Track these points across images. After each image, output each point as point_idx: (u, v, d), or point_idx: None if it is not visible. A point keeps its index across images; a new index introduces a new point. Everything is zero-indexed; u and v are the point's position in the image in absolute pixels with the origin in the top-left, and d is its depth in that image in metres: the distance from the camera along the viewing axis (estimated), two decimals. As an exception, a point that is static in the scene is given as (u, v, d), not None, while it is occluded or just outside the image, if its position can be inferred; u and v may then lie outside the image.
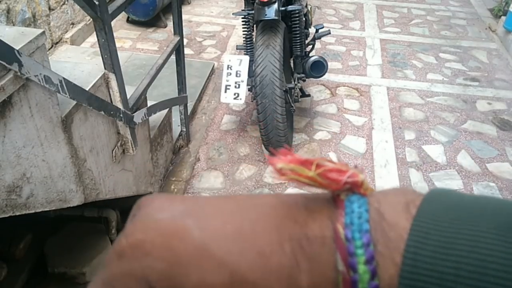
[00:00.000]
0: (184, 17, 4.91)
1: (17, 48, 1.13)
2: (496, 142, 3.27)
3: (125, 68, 3.79)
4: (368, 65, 4.20)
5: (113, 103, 1.74)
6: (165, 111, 2.57)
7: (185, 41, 4.44)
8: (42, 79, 1.22)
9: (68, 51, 3.87)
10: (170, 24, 4.48)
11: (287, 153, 0.29)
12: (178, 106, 2.83)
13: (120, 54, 3.96)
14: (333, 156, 3.07)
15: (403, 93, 3.80)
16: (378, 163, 3.04)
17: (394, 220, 0.27)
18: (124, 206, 2.37)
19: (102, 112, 1.61)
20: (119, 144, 1.86)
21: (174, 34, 2.48)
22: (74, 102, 1.46)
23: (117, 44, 4.20)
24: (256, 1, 2.53)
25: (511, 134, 3.35)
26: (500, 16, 4.93)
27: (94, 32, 1.58)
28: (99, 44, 1.60)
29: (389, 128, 3.38)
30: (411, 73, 4.10)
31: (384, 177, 2.91)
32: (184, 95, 2.76)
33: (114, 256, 0.29)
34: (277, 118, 2.58)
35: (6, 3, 3.10)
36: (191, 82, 3.66)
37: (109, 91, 1.71)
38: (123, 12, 4.61)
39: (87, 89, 1.55)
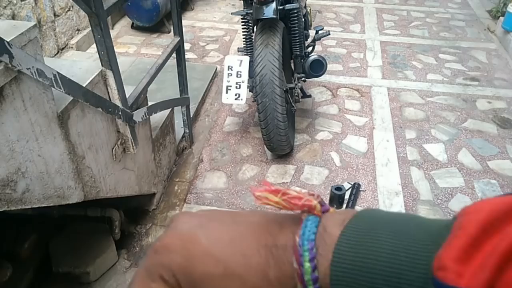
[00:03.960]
0: (187, 22, 4.92)
1: (8, 40, 1.09)
2: (496, 140, 3.20)
3: (129, 72, 3.77)
4: (369, 66, 4.14)
5: (112, 101, 1.70)
6: (167, 112, 2.52)
7: (188, 45, 4.42)
8: (34, 72, 1.17)
9: (74, 57, 3.85)
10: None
11: (265, 183, 0.40)
12: (180, 108, 2.78)
13: (124, 59, 3.95)
14: (334, 156, 3.01)
15: (403, 93, 3.74)
16: (379, 162, 2.97)
17: (331, 231, 0.37)
18: (128, 206, 2.33)
19: (100, 109, 1.57)
20: (119, 142, 1.82)
21: (174, 35, 2.43)
22: (71, 98, 1.42)
23: (122, 50, 4.21)
24: (254, 0, 2.49)
25: (511, 132, 3.28)
26: (498, 17, 4.86)
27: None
28: (95, 41, 1.55)
29: (390, 127, 3.31)
30: (411, 73, 4.04)
31: (386, 175, 2.85)
32: (186, 96, 2.72)
33: (151, 252, 0.42)
34: (278, 117, 2.52)
35: (11, 8, 3.07)
36: (194, 85, 3.62)
37: (107, 89, 1.66)
38: (128, 19, 4.59)
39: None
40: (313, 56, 2.87)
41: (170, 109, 2.57)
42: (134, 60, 3.91)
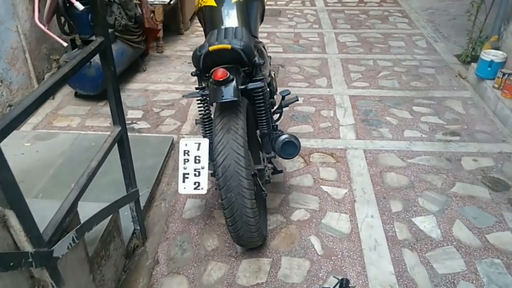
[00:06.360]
0: (139, 86, 4.51)
1: None
2: (491, 206, 2.88)
3: (71, 152, 3.29)
4: (341, 125, 3.81)
5: (17, 244, 1.24)
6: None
7: (141, 113, 4.00)
8: None
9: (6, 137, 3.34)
10: (123, 94, 4.03)
11: None
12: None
13: (65, 136, 3.47)
14: (315, 241, 2.60)
15: (381, 155, 3.40)
16: (366, 245, 2.58)
17: None
18: None
19: (-6, 268, 1.11)
20: (34, 292, 1.35)
21: (114, 124, 2.01)
22: None
23: (64, 124, 3.73)
24: (210, 80, 2.09)
25: (505, 195, 2.97)
26: (469, 62, 4.68)
27: (36, 112, 1.16)
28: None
29: (373, 199, 2.94)
30: (387, 131, 3.73)
31: (376, 263, 2.45)
32: (134, 189, 2.27)
33: None
34: (247, 213, 2.10)
35: None
36: (148, 163, 3.17)
37: (9, 232, 1.21)
38: (70, 87, 4.13)
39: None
40: (283, 136, 2.49)
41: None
42: (77, 137, 3.44)
